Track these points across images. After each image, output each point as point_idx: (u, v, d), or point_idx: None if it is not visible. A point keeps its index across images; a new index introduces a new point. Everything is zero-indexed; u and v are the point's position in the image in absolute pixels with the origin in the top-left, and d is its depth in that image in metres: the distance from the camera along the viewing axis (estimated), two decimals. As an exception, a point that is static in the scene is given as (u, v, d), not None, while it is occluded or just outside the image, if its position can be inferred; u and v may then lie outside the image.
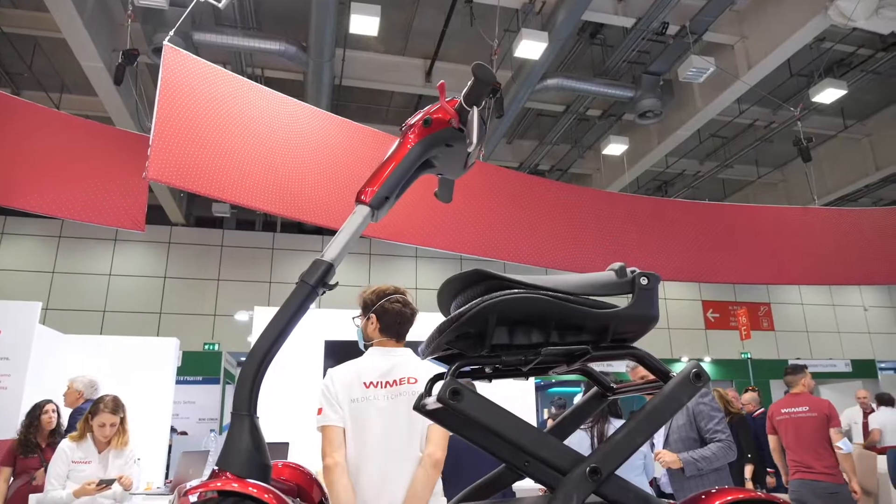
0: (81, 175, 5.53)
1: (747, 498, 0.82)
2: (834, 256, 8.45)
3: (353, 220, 1.01)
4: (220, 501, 0.79)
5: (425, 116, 1.06)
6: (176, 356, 6.79)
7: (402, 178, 1.05)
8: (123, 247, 12.43)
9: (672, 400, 0.91)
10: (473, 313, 0.89)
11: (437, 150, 1.07)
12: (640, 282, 0.97)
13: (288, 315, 0.94)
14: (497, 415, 0.86)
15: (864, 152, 12.09)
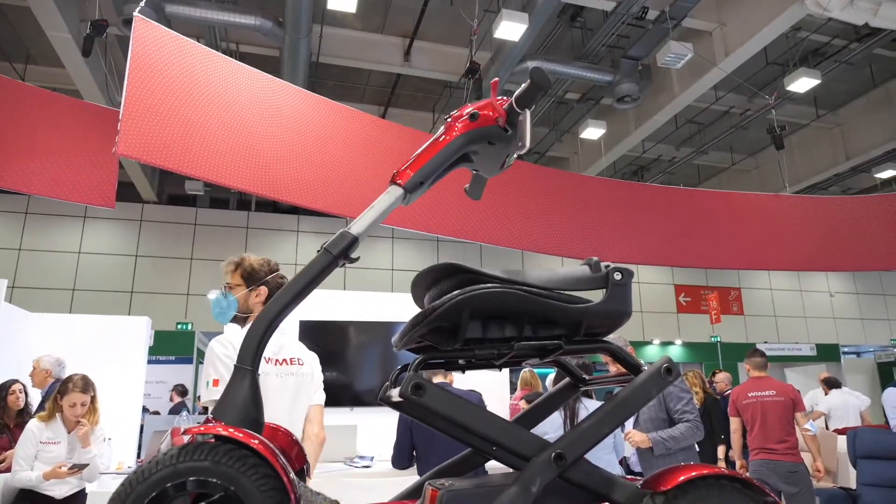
0: (49, 150, 5.38)
1: (711, 473, 0.83)
2: (803, 243, 8.63)
3: (385, 200, 1.00)
4: (215, 446, 0.77)
5: (473, 111, 1.04)
6: (148, 335, 6.69)
7: (440, 166, 1.04)
8: (93, 224, 12.16)
9: (642, 392, 0.92)
10: (446, 308, 0.89)
11: (478, 146, 1.06)
12: (613, 277, 0.98)
13: (305, 280, 0.93)
14: (460, 408, 0.87)
15: (835, 141, 12.32)
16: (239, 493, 0.76)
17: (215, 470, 0.77)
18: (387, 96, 11.38)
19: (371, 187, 5.45)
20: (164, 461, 0.77)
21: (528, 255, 13.55)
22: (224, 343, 2.17)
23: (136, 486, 0.76)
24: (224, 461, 0.78)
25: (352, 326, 5.35)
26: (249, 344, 0.89)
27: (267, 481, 0.77)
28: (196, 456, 0.78)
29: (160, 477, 0.76)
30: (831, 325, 16.57)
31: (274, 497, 0.77)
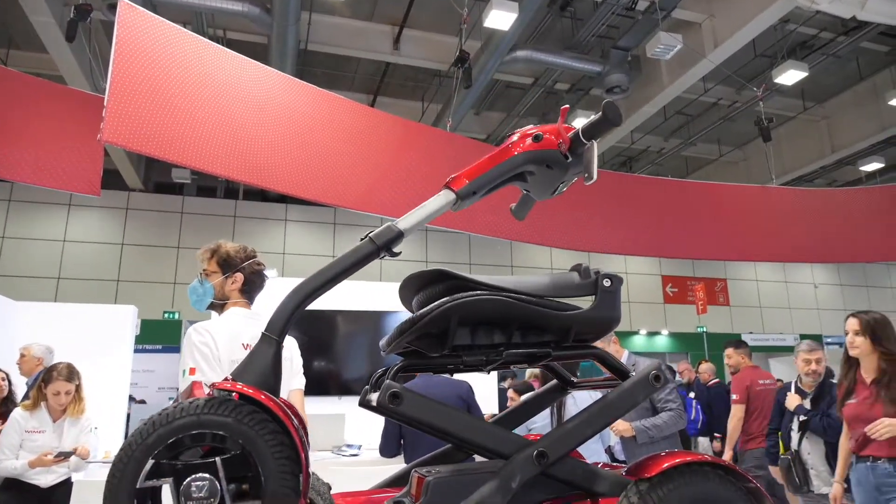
0: (32, 136, 5.30)
1: (695, 460, 0.84)
2: (789, 235, 8.71)
3: (436, 202, 1.00)
4: (239, 405, 0.78)
5: (538, 132, 1.04)
6: (134, 324, 6.65)
7: (495, 180, 1.04)
8: (78, 212, 12.03)
9: (628, 397, 0.93)
10: (434, 315, 0.89)
11: (536, 167, 1.06)
12: (602, 284, 0.99)
13: (345, 264, 0.93)
14: (437, 413, 0.87)
15: (822, 134, 12.42)
16: (254, 455, 0.77)
17: (236, 428, 0.77)
18: (376, 85, 11.32)
19: (360, 176, 5.43)
20: (188, 409, 0.77)
21: (516, 246, 13.58)
22: (201, 331, 2.15)
23: (158, 428, 0.76)
24: (246, 421, 0.78)
25: (340, 316, 5.35)
26: (280, 315, 0.89)
27: (282, 450, 0.78)
28: (220, 411, 0.78)
29: (183, 424, 0.77)
30: (815, 316, 16.78)
31: (286, 466, 0.77)
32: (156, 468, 0.75)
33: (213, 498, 0.74)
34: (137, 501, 0.73)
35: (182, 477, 0.75)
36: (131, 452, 0.75)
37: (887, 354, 2.84)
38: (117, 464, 0.75)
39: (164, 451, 0.76)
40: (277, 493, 0.75)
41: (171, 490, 0.75)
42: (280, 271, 12.32)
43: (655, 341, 15.47)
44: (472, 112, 11.84)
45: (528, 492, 0.86)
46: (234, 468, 0.76)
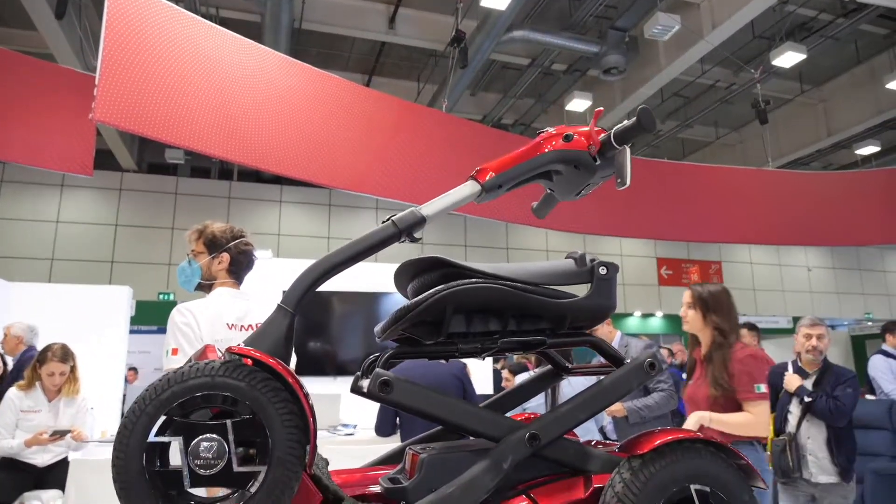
0: (23, 115, 5.24)
1: (686, 437, 0.85)
2: (784, 218, 8.73)
3: (461, 191, 1.00)
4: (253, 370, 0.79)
5: (569, 133, 1.04)
6: (129, 305, 6.64)
7: (523, 175, 1.04)
8: (71, 192, 11.94)
9: (623, 383, 0.94)
10: (429, 303, 0.90)
11: (563, 167, 1.06)
12: (598, 272, 0.99)
13: (366, 245, 0.93)
14: (427, 400, 0.88)
15: (818, 117, 12.40)
16: (264, 421, 0.77)
17: (249, 393, 0.78)
18: (371, 65, 11.21)
19: (354, 157, 5.40)
20: (204, 370, 0.78)
21: (511, 228, 13.58)
22: (183, 312, 2.17)
23: (172, 385, 0.77)
24: (259, 387, 0.79)
25: (335, 297, 5.35)
26: (296, 288, 0.89)
27: (292, 419, 0.78)
28: (234, 375, 0.79)
29: (197, 384, 0.77)
30: (808, 298, 16.89)
31: (294, 435, 0.78)
32: (167, 425, 0.76)
33: (220, 459, 0.75)
34: (147, 455, 0.73)
35: (192, 436, 0.76)
36: (144, 406, 0.76)
37: (718, 329, 2.63)
38: (130, 416, 0.76)
39: (177, 409, 0.77)
40: (284, 461, 0.76)
41: (180, 447, 0.75)
42: (275, 252, 12.30)
43: (650, 323, 15.57)
44: (468, 93, 11.76)
45: (520, 470, 0.87)
46: (242, 432, 0.77)
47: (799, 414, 3.46)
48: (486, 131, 7.81)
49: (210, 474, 0.74)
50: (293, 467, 0.77)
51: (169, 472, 0.75)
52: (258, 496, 0.74)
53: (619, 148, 1.03)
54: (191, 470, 0.74)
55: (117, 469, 0.74)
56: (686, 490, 0.82)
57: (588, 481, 0.88)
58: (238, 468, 0.75)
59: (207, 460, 0.75)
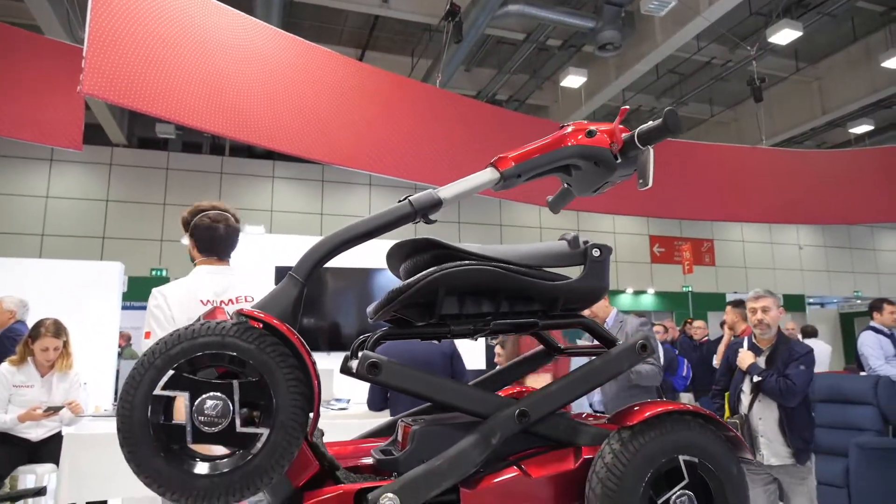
0: (9, 88, 5.16)
1: (676, 409, 0.86)
2: (777, 196, 8.75)
3: (479, 177, 0.99)
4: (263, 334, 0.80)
5: (592, 128, 1.03)
6: (121, 281, 6.62)
7: (542, 167, 1.03)
8: (60, 167, 11.81)
9: (614, 364, 0.95)
10: (422, 285, 0.90)
11: (584, 163, 1.05)
12: (592, 253, 0.99)
13: (380, 222, 0.92)
14: (415, 380, 0.89)
15: (813, 95, 12.36)
16: (270, 385, 0.78)
17: (258, 356, 0.79)
18: (364, 39, 11.06)
19: (347, 132, 5.35)
20: (214, 329, 0.79)
21: (505, 204, 13.56)
22: (155, 294, 2.19)
23: (182, 341, 0.78)
24: (268, 351, 0.79)
25: (329, 272, 5.35)
26: (307, 259, 0.90)
27: (298, 385, 0.79)
28: (245, 336, 0.79)
29: (207, 342, 0.78)
30: (799, 276, 17.02)
31: (298, 402, 0.79)
32: (174, 379, 0.76)
33: (224, 418, 0.76)
34: (152, 407, 0.75)
35: (197, 392, 0.76)
36: (153, 359, 0.77)
37: None
38: (138, 368, 0.77)
39: (185, 365, 0.77)
40: (286, 425, 0.77)
41: (185, 403, 0.76)
42: (267, 228, 12.25)
43: (641, 300, 15.67)
44: (463, 68, 11.64)
45: (510, 443, 0.88)
46: (248, 394, 0.78)
47: (751, 393, 3.29)
48: (480, 107, 7.75)
49: (213, 432, 0.76)
50: (295, 433, 0.78)
51: (172, 426, 0.76)
52: (258, 458, 0.75)
53: (642, 148, 1.02)
54: (194, 426, 0.75)
55: (122, 419, 0.75)
56: (675, 461, 0.83)
57: (578, 452, 0.89)
58: (241, 429, 0.76)
59: (211, 418, 0.76)
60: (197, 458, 0.76)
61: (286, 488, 0.84)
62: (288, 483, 0.84)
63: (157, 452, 0.74)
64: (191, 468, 0.75)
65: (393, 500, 0.79)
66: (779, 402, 3.18)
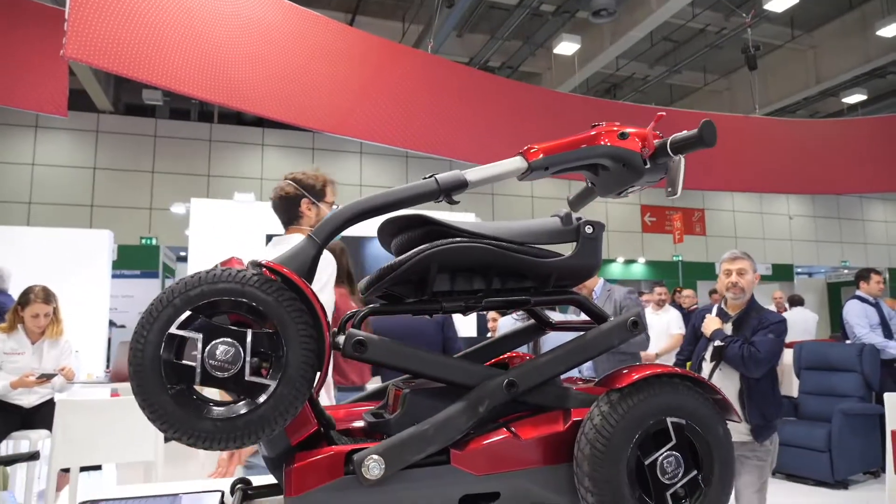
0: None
1: (665, 372, 0.87)
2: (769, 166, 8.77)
3: (506, 164, 0.98)
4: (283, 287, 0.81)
5: (625, 131, 1.02)
6: (110, 249, 6.59)
7: (571, 162, 1.03)
8: (46, 134, 11.62)
9: (604, 339, 0.95)
10: (413, 263, 0.90)
11: (612, 163, 1.04)
12: (584, 231, 0.99)
13: (403, 195, 0.92)
14: (402, 356, 0.90)
15: (808, 64, 12.29)
16: (283, 339, 0.79)
17: (275, 309, 0.79)
18: (355, 3, 10.84)
19: (337, 99, 5.28)
20: (236, 276, 0.79)
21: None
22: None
23: (202, 284, 0.78)
24: (285, 305, 0.80)
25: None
26: (329, 223, 0.90)
27: (310, 342, 0.80)
28: (265, 288, 0.80)
29: (227, 288, 0.79)
30: (788, 246, 17.16)
31: (309, 358, 0.79)
32: (189, 321, 0.77)
33: (234, 365, 0.77)
34: (165, 344, 0.76)
35: (211, 336, 0.77)
36: (172, 298, 0.78)
37: None
38: (156, 304, 0.78)
39: (201, 308, 0.78)
40: (294, 380, 0.78)
41: (198, 346, 0.76)
42: (258, 196, 12.17)
43: (632, 269, 15.78)
44: (455, 34, 11.46)
45: (499, 408, 0.89)
46: (260, 344, 0.79)
47: (712, 361, 3.01)
48: (472, 74, 7.66)
49: (221, 377, 0.77)
50: (302, 388, 0.79)
51: (182, 366, 0.76)
52: (263, 408, 0.77)
53: (674, 157, 1.02)
54: (204, 368, 0.76)
55: (135, 352, 0.75)
56: (663, 423, 0.84)
57: (567, 414, 0.90)
58: (249, 377, 0.77)
59: (222, 363, 0.77)
60: (203, 401, 0.77)
61: (283, 443, 0.85)
62: (285, 438, 0.85)
63: (164, 390, 0.75)
64: (196, 409, 0.76)
65: (378, 461, 0.80)
66: (741, 373, 2.90)
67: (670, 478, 0.84)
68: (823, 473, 4.97)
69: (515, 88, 7.66)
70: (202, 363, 0.76)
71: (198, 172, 12.39)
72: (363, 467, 0.80)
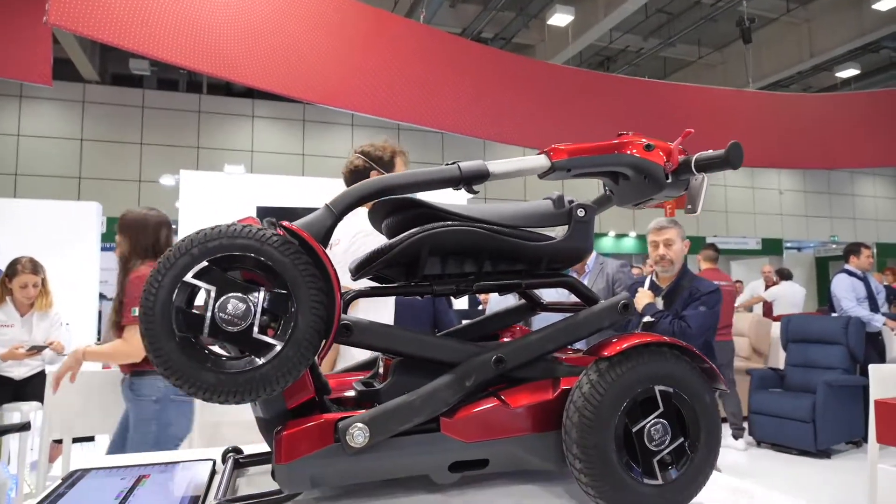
0: (-29, 17, 4.91)
1: (653, 341, 0.88)
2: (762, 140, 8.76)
3: (530, 161, 0.98)
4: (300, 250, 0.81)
5: (651, 143, 1.02)
6: (99, 221, 6.53)
7: (594, 166, 1.02)
8: (31, 104, 11.42)
9: (595, 320, 0.96)
10: (404, 246, 0.90)
11: (634, 174, 1.04)
12: (576, 214, 0.99)
13: (424, 178, 0.92)
14: (388, 338, 0.90)
15: (802, 38, 12.22)
16: (295, 303, 0.79)
17: (290, 271, 0.79)
18: (345, -29, 10.63)
19: (328, 69, 5.21)
20: (254, 233, 0.79)
21: (489, 146, 13.43)
22: None
23: (222, 237, 0.78)
24: (301, 268, 0.80)
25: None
26: (346, 196, 0.89)
27: (320, 308, 0.80)
28: (282, 249, 0.79)
29: (245, 244, 0.79)
30: (778, 221, 17.26)
31: (317, 325, 0.79)
32: (204, 271, 0.77)
33: (243, 321, 0.77)
34: (178, 292, 0.76)
35: (224, 290, 0.77)
36: (191, 247, 0.78)
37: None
38: (174, 251, 0.78)
39: (218, 261, 0.78)
40: (301, 343, 0.78)
41: (211, 297, 0.77)
42: (248, 168, 12.06)
43: (623, 243, 15.85)
44: (447, 4, 11.29)
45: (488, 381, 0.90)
46: (272, 303, 0.78)
47: None
48: (465, 45, 7.56)
49: (230, 331, 0.77)
50: (307, 353, 0.79)
51: (193, 315, 0.77)
52: (266, 367, 0.77)
53: (696, 175, 1.02)
54: (213, 321, 0.76)
55: (147, 295, 0.76)
56: (650, 391, 0.85)
57: (556, 383, 0.91)
58: (257, 335, 0.77)
59: (231, 318, 0.76)
60: (208, 352, 0.77)
61: (278, 406, 0.85)
62: (282, 402, 0.85)
63: (172, 336, 0.75)
64: (200, 360, 0.76)
65: (363, 429, 0.81)
66: None
67: (657, 444, 0.85)
68: (807, 443, 5.07)
69: (508, 60, 7.57)
70: (212, 315, 0.76)
71: (187, 144, 12.25)
72: (348, 435, 0.80)
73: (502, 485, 0.95)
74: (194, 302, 0.79)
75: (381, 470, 0.86)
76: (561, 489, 0.94)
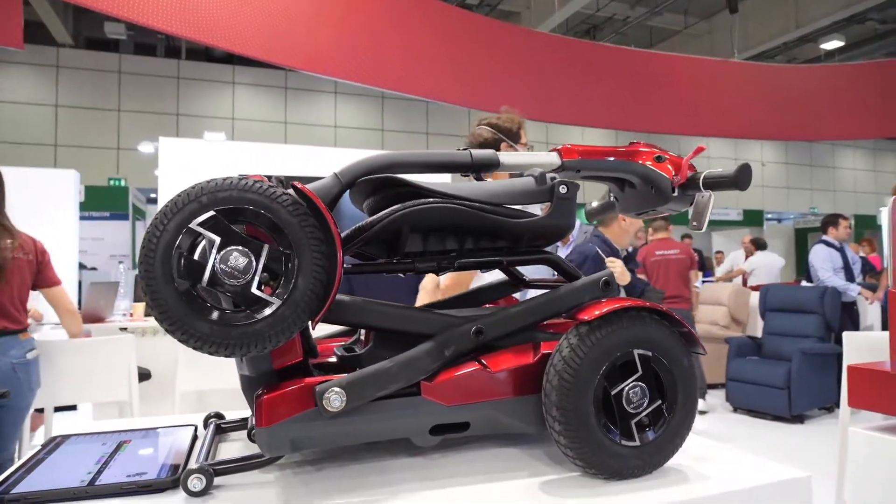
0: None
1: (633, 305, 0.89)
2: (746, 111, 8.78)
3: (541, 157, 0.99)
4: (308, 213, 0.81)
5: (662, 154, 1.04)
6: (77, 190, 6.41)
7: (604, 170, 1.04)
8: (3, 69, 11.09)
9: (576, 295, 0.96)
10: (385, 223, 0.89)
11: (641, 183, 1.05)
12: (559, 190, 0.98)
13: (436, 159, 0.94)
14: (365, 312, 0.90)
15: (789, 8, 12.17)
16: (298, 261, 0.79)
17: (296, 232, 0.79)
18: (327, -67, 10.35)
19: (311, 34, 5.10)
20: (266, 191, 0.78)
21: (474, 115, 13.32)
22: None
23: (232, 189, 0.78)
24: (307, 230, 0.79)
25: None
26: (355, 166, 0.90)
27: (322, 272, 0.80)
28: (291, 209, 0.79)
29: (254, 199, 0.78)
30: (759, 192, 17.42)
31: (317, 288, 0.79)
32: (210, 221, 0.77)
33: (244, 275, 0.76)
34: (182, 237, 0.75)
35: (228, 242, 0.77)
36: (200, 195, 0.77)
37: None
38: (182, 196, 0.77)
39: (226, 212, 0.77)
40: (298, 304, 0.78)
41: (215, 247, 0.76)
42: (230, 136, 11.87)
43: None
44: (432, -31, 11.05)
45: None
46: (274, 261, 0.78)
47: None
48: (450, 11, 7.44)
49: (229, 283, 0.76)
50: (302, 314, 0.79)
51: (193, 262, 0.76)
52: (261, 324, 0.77)
53: (704, 193, 1.03)
54: (214, 271, 0.76)
55: (150, 238, 0.75)
56: (630, 354, 0.86)
57: (537, 347, 0.92)
58: (255, 291, 0.77)
59: (232, 270, 0.76)
60: (205, 302, 0.77)
61: (265, 365, 0.85)
62: (269, 361, 0.85)
63: (171, 281, 0.74)
64: (197, 309, 0.75)
65: (339, 393, 0.81)
66: None
67: (635, 407, 0.86)
68: (781, 409, 5.21)
69: (493, 27, 7.47)
70: (213, 265, 0.76)
71: (166, 111, 12.00)
72: (325, 399, 0.81)
73: (483, 448, 0.97)
74: (194, 254, 0.78)
75: (362, 433, 0.87)
76: (541, 451, 0.96)
